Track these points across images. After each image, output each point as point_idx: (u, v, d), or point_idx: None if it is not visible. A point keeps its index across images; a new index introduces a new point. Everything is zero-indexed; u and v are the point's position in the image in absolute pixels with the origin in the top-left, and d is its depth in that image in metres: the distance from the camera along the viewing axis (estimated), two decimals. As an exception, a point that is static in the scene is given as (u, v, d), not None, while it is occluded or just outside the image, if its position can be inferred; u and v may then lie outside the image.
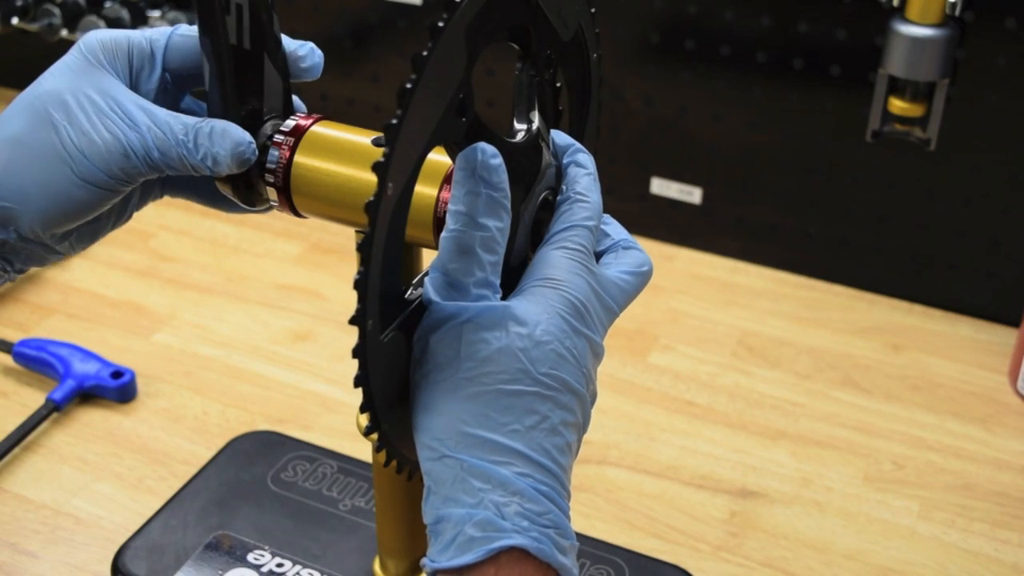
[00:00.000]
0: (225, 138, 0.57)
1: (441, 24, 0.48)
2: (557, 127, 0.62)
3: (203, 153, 0.57)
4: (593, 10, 0.61)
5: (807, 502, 0.91)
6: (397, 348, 0.52)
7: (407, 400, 0.53)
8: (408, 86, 0.47)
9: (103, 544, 0.84)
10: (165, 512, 0.85)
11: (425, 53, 0.47)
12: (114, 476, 0.91)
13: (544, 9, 0.56)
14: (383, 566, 0.76)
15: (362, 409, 0.51)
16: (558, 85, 0.60)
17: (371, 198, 0.47)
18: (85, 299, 1.12)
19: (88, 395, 0.98)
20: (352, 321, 0.49)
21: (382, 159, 0.47)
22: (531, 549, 0.49)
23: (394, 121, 0.47)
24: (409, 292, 0.53)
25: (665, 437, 0.97)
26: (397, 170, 0.48)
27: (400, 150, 0.48)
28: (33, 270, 1.13)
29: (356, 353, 0.49)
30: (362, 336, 0.49)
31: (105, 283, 1.14)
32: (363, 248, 0.48)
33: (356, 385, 0.50)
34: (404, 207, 0.50)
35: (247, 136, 0.58)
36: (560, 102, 0.61)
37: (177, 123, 0.57)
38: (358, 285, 0.48)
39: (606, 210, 0.59)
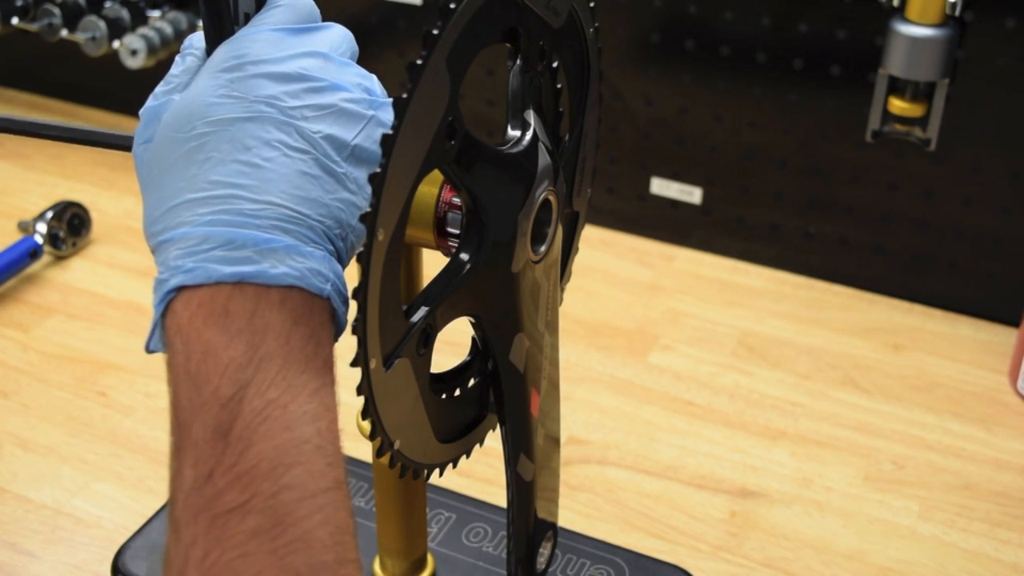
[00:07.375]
0: None
1: (420, 62, 0.46)
2: (557, 111, 0.61)
3: None
4: None
5: (807, 502, 0.91)
6: (403, 373, 0.51)
7: (416, 414, 0.53)
8: (391, 131, 0.45)
9: (103, 544, 0.84)
10: (165, 512, 0.85)
11: (405, 96, 0.46)
12: (114, 476, 0.91)
13: (532, 7, 0.55)
14: (383, 566, 0.76)
15: (371, 437, 0.51)
16: (555, 65, 0.59)
17: (360, 248, 0.46)
18: (85, 299, 1.12)
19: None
20: (354, 364, 0.48)
21: (369, 209, 0.46)
22: (188, 282, 0.44)
23: (378, 169, 0.45)
24: (411, 315, 0.52)
25: (665, 437, 0.97)
26: (386, 215, 0.47)
27: (388, 193, 0.46)
28: (33, 269, 1.13)
29: (360, 391, 0.49)
30: (365, 375, 0.48)
31: (105, 283, 1.14)
32: (357, 295, 0.47)
33: (364, 417, 0.50)
34: (397, 247, 0.48)
35: None
36: (559, 80, 0.61)
37: None
38: (356, 329, 0.47)
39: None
